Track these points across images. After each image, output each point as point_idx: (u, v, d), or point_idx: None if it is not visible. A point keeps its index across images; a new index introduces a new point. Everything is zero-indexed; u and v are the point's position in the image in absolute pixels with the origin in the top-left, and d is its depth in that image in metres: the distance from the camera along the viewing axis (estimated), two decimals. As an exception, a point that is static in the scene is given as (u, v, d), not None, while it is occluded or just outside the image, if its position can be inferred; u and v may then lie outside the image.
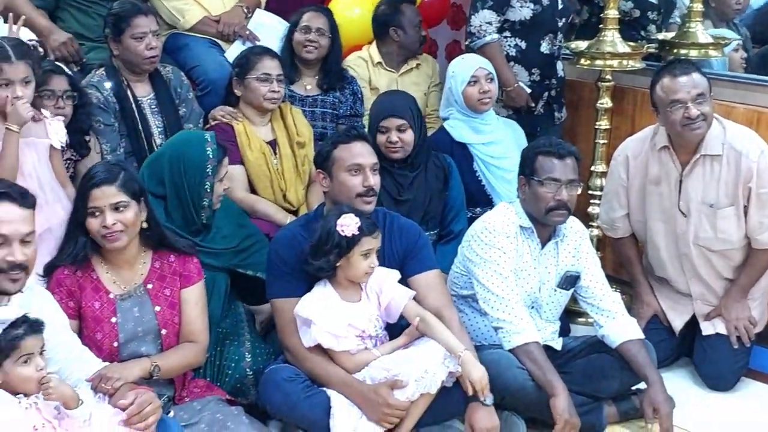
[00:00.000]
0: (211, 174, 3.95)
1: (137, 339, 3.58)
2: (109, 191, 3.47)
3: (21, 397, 2.96)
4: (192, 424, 3.50)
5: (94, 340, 3.50)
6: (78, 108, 4.23)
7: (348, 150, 3.82)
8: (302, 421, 3.68)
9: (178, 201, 3.98)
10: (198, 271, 3.73)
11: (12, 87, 3.82)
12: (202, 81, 5.00)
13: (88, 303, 3.52)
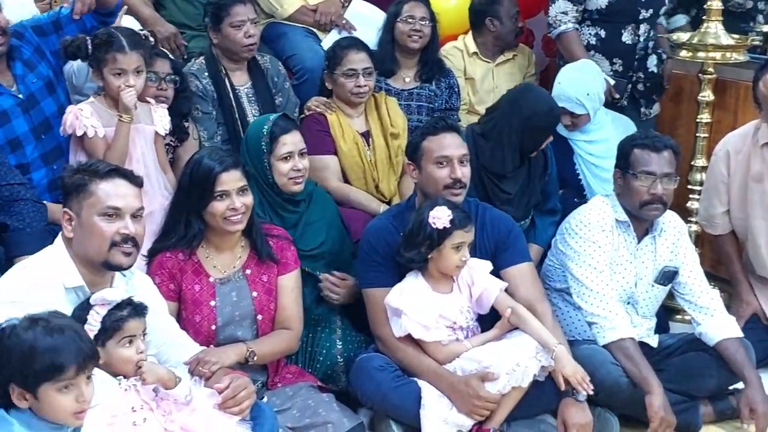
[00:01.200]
0: (266, 150, 3.96)
1: (234, 323, 3.64)
2: (236, 175, 3.57)
3: (120, 378, 3.02)
4: (284, 409, 3.55)
5: (192, 322, 3.57)
6: (179, 92, 4.32)
7: (436, 141, 3.82)
8: (392, 410, 3.69)
9: (255, 183, 4.00)
10: (294, 259, 3.77)
11: (125, 76, 3.94)
12: (299, 70, 5.03)
13: (188, 286, 3.59)
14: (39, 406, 2.54)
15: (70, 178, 3.13)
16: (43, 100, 4.10)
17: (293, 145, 3.96)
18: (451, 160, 3.79)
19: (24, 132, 4.02)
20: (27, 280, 3.01)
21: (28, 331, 2.53)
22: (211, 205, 3.55)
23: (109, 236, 3.05)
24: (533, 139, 4.39)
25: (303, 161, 3.99)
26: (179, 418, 3.06)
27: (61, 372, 2.52)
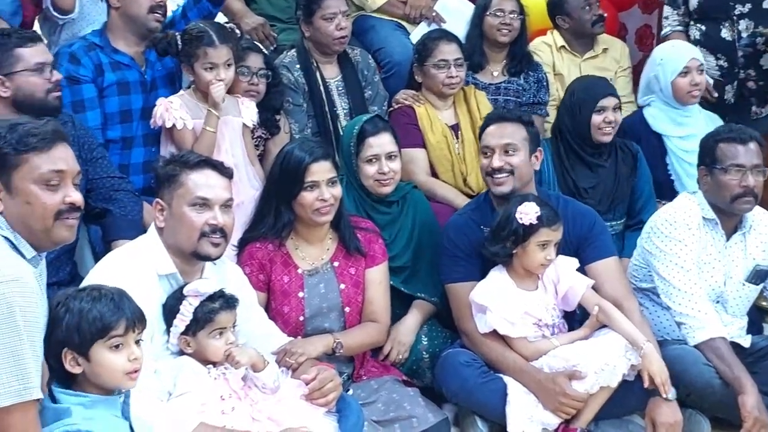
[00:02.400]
0: (354, 152, 3.97)
1: (321, 315, 3.66)
2: (326, 166, 3.60)
3: (210, 367, 3.06)
4: (369, 402, 3.56)
5: (281, 313, 3.60)
6: (271, 87, 4.36)
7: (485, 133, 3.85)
8: (478, 406, 3.68)
9: (348, 182, 4.03)
10: (383, 252, 3.79)
11: (216, 70, 4.00)
12: (387, 63, 5.04)
13: (277, 276, 3.62)
14: (92, 368, 2.58)
15: (162, 169, 3.19)
16: (162, 88, 4.26)
17: (379, 148, 3.96)
18: (492, 149, 3.80)
19: (137, 108, 4.19)
20: (122, 267, 3.07)
21: (76, 299, 2.60)
22: (300, 195, 3.58)
23: (198, 226, 3.10)
24: (581, 117, 4.41)
25: (391, 164, 3.98)
26: (266, 408, 3.10)
27: (110, 329, 2.58)
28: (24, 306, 2.46)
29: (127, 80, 4.17)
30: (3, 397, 2.43)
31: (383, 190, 3.99)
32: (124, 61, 4.21)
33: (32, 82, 3.61)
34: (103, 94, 4.13)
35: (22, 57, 3.61)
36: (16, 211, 2.57)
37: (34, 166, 2.57)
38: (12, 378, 2.44)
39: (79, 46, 4.18)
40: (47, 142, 2.59)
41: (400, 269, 4.03)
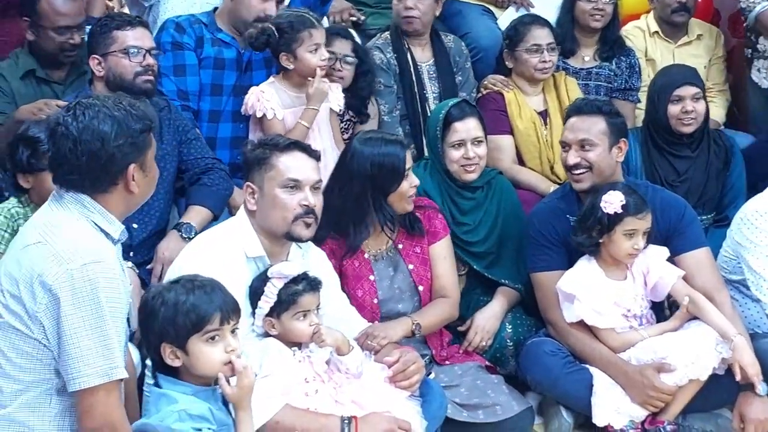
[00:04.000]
0: (440, 136, 3.94)
1: (395, 296, 3.67)
2: (409, 154, 3.61)
3: (295, 349, 3.08)
4: (452, 386, 3.56)
5: (355, 297, 3.61)
6: (360, 75, 4.37)
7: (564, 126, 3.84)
8: (563, 396, 3.65)
9: (433, 167, 4.03)
10: (443, 226, 3.78)
11: (320, 50, 4.04)
12: (474, 48, 4.98)
13: (348, 262, 3.63)
14: (190, 361, 2.61)
15: (251, 153, 3.22)
16: (257, 70, 4.33)
17: (465, 133, 3.93)
18: (569, 144, 3.76)
19: (229, 84, 4.28)
20: (212, 249, 3.12)
21: (171, 291, 2.63)
22: (401, 189, 3.59)
23: (291, 208, 3.13)
24: (659, 107, 4.32)
25: (477, 149, 3.94)
26: (350, 391, 3.11)
27: (205, 323, 2.59)
28: (108, 287, 2.50)
29: (223, 57, 4.28)
30: (90, 377, 2.48)
31: (468, 177, 3.96)
32: (226, 39, 4.32)
33: (122, 64, 3.76)
34: (200, 66, 4.24)
35: (117, 39, 3.77)
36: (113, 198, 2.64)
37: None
38: (99, 358, 2.48)
39: (186, 18, 4.31)
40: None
41: (483, 254, 4.01)
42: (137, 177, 2.63)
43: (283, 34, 4.04)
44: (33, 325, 2.51)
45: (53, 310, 2.48)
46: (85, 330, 2.47)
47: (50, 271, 2.48)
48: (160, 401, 2.60)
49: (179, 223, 3.78)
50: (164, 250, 3.66)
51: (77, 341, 2.47)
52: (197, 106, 4.23)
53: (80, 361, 2.47)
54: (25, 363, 2.53)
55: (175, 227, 3.76)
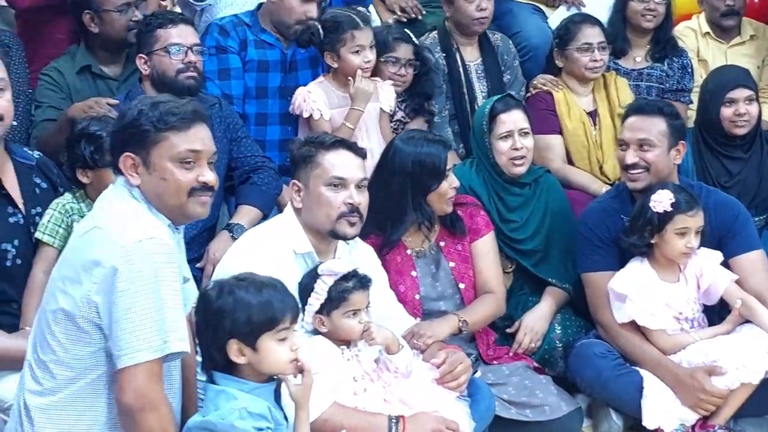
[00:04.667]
0: (487, 130, 3.93)
1: (436, 294, 3.68)
2: (453, 155, 3.65)
3: (343, 348, 3.08)
4: (499, 384, 3.55)
5: (398, 292, 3.60)
6: (421, 75, 4.38)
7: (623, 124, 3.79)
8: (612, 399, 3.63)
9: (480, 164, 4.01)
10: (486, 223, 3.77)
11: (363, 52, 4.04)
12: (524, 47, 4.96)
13: (391, 257, 3.65)
14: (258, 358, 2.61)
15: (297, 150, 3.24)
16: (302, 70, 4.35)
17: (512, 124, 3.92)
18: (627, 143, 3.72)
19: (274, 87, 4.30)
20: (262, 245, 3.13)
21: (242, 289, 2.62)
22: (441, 187, 3.60)
23: (336, 206, 3.13)
24: (712, 109, 4.27)
25: (524, 140, 3.93)
26: (398, 390, 3.10)
27: (279, 321, 2.60)
28: (161, 262, 2.52)
29: (267, 59, 4.28)
30: (143, 352, 2.48)
31: (517, 170, 3.95)
32: (269, 40, 4.32)
33: (165, 62, 3.81)
34: (244, 69, 4.25)
35: (160, 37, 3.82)
36: (152, 186, 2.64)
37: (172, 144, 2.63)
38: (153, 333, 2.49)
39: (230, 20, 4.32)
40: (186, 122, 2.65)
41: (530, 252, 4.00)
42: (141, 170, 2.63)
43: (328, 33, 4.06)
44: (87, 308, 2.52)
45: (108, 287, 2.49)
46: (140, 305, 2.48)
47: (105, 250, 2.51)
48: (219, 398, 2.60)
49: (230, 224, 3.80)
50: (215, 251, 3.69)
51: (132, 316, 2.48)
52: (243, 109, 4.24)
53: (134, 335, 2.48)
54: (78, 350, 2.55)
55: (226, 228, 3.79)
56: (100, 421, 2.58)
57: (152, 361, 2.50)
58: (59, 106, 4.02)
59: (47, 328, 2.59)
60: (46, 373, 2.58)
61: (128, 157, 2.63)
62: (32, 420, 2.57)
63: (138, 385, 2.48)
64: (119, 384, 2.51)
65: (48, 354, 2.58)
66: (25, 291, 3.19)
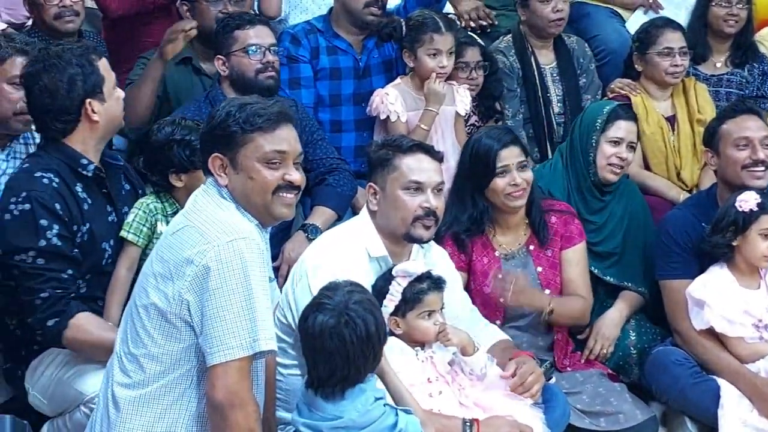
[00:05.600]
0: (599, 128, 3.91)
1: None
2: (515, 151, 3.61)
3: (418, 349, 3.09)
4: (573, 392, 3.53)
5: (481, 293, 3.61)
6: (489, 75, 4.38)
7: (735, 123, 3.72)
8: (688, 407, 3.59)
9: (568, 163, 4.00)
10: (579, 232, 3.76)
11: (439, 57, 4.06)
12: (602, 51, 4.93)
13: (477, 258, 3.66)
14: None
15: (374, 153, 3.24)
16: (375, 75, 4.36)
17: (626, 133, 3.94)
18: (751, 141, 3.67)
19: (348, 94, 4.32)
20: (338, 248, 3.15)
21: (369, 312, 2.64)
22: (493, 182, 3.59)
23: (412, 210, 3.13)
24: None
25: (629, 154, 3.95)
26: (473, 394, 3.10)
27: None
28: (253, 262, 2.57)
29: (339, 66, 4.30)
30: (234, 350, 2.54)
31: (610, 177, 3.94)
32: (342, 46, 4.34)
33: (243, 62, 3.88)
34: (316, 77, 4.27)
35: (238, 38, 3.89)
36: (239, 185, 2.69)
37: (258, 145, 2.68)
38: (244, 331, 2.54)
39: (301, 28, 4.34)
40: (272, 123, 2.69)
41: (606, 255, 3.97)
42: (228, 171, 2.69)
43: (410, 31, 4.08)
44: (179, 306, 2.59)
45: (200, 286, 2.56)
46: (231, 303, 2.54)
47: (198, 249, 2.57)
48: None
49: (305, 224, 3.83)
50: (290, 250, 3.73)
51: (224, 314, 2.54)
52: (317, 117, 4.26)
53: (225, 333, 2.53)
54: (169, 345, 2.62)
55: (301, 228, 3.82)
56: (186, 415, 2.64)
57: (242, 359, 2.55)
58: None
59: (139, 322, 2.66)
60: (136, 366, 2.65)
61: (217, 157, 2.69)
62: (119, 411, 2.64)
63: (228, 383, 2.53)
64: (210, 381, 2.56)
65: (139, 348, 2.64)
66: (109, 288, 3.25)
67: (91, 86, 3.13)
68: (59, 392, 3.14)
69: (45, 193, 3.07)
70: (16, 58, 3.48)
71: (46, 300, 3.03)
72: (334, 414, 2.62)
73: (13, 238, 3.05)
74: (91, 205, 3.19)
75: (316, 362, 2.64)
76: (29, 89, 3.17)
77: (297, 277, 3.13)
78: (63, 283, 3.06)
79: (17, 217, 3.05)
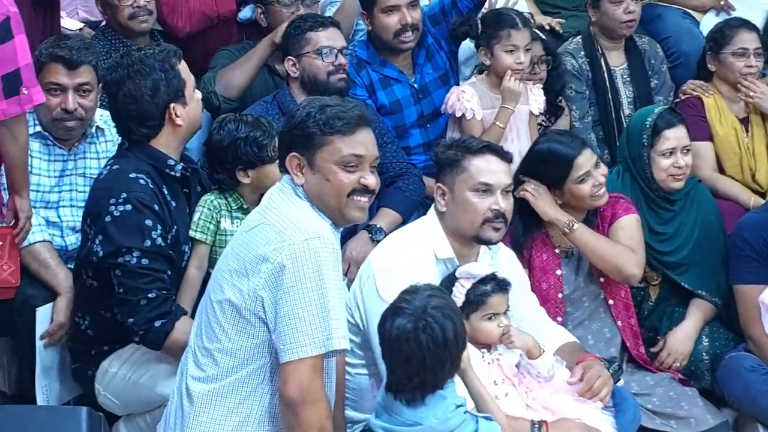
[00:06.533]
0: (647, 144, 3.84)
1: (580, 293, 3.66)
2: (588, 153, 3.62)
3: (485, 351, 3.07)
4: (643, 394, 3.49)
5: (539, 290, 3.60)
6: (550, 71, 4.36)
7: None
8: (761, 413, 3.56)
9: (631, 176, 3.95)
10: (625, 207, 3.70)
11: (516, 53, 4.05)
12: (674, 52, 4.87)
13: (537, 254, 3.65)
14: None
15: (443, 154, 3.23)
16: (435, 91, 4.33)
17: (676, 141, 3.85)
18: None
19: (412, 121, 4.31)
20: (405, 249, 3.15)
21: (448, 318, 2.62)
22: (577, 188, 3.57)
23: (481, 212, 3.11)
24: None
25: (686, 158, 3.87)
26: (541, 397, 3.08)
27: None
28: (328, 261, 2.61)
29: (397, 98, 4.27)
30: (308, 347, 2.57)
31: (675, 185, 3.88)
32: (393, 75, 4.30)
33: (315, 64, 3.91)
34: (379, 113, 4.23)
35: (310, 40, 3.91)
36: (315, 186, 2.72)
37: (337, 148, 2.71)
38: (317, 329, 2.58)
39: (350, 65, 4.19)
40: (351, 126, 2.72)
41: (678, 265, 3.91)
42: (305, 170, 2.71)
43: (486, 28, 4.08)
44: (253, 302, 2.63)
45: (274, 283, 2.60)
46: (305, 301, 2.57)
47: (273, 247, 2.61)
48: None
49: (370, 225, 3.83)
50: (352, 249, 3.74)
51: (298, 312, 2.57)
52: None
53: (299, 331, 2.57)
54: (243, 340, 2.66)
55: (366, 228, 3.83)
56: (259, 410, 2.68)
57: (315, 356, 2.58)
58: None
59: (213, 317, 2.70)
60: (210, 360, 2.69)
61: (294, 156, 2.72)
62: (193, 404, 2.69)
63: (301, 380, 2.57)
64: (283, 377, 2.59)
65: (213, 342, 2.69)
66: (180, 286, 3.28)
67: (174, 91, 3.17)
68: (134, 394, 3.19)
69: (145, 193, 3.10)
70: (53, 64, 3.55)
71: (153, 300, 3.05)
72: (414, 420, 2.60)
73: (118, 239, 3.06)
74: (175, 207, 3.23)
75: (393, 366, 2.63)
76: (113, 96, 3.20)
77: (364, 277, 3.13)
78: (166, 283, 3.10)
79: (119, 218, 3.07)
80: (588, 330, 3.64)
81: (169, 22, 4.54)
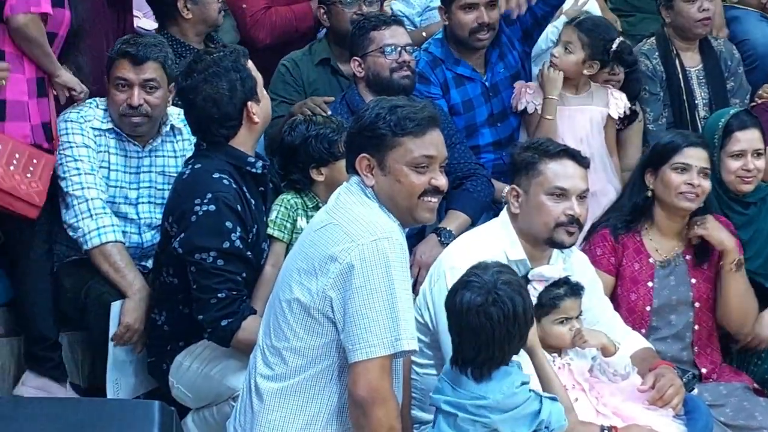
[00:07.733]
0: (718, 144, 3.79)
1: (669, 307, 3.59)
2: (703, 155, 3.57)
3: (555, 356, 3.05)
4: (716, 405, 3.43)
5: (627, 300, 3.56)
6: (628, 74, 4.30)
7: None
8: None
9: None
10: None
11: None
12: (750, 56, 4.83)
13: (628, 263, 3.59)
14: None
15: (519, 156, 3.21)
16: (505, 90, 4.33)
17: (747, 143, 3.79)
18: None
19: (482, 120, 4.30)
20: (477, 251, 3.10)
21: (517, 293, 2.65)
22: (668, 175, 3.53)
23: (555, 216, 3.09)
24: None
25: (757, 162, 3.80)
26: (611, 403, 3.03)
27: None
28: (396, 261, 2.61)
29: (470, 96, 4.27)
30: (376, 347, 2.57)
31: (744, 188, 3.81)
32: (466, 73, 4.30)
33: (379, 62, 3.91)
34: (451, 113, 4.24)
35: (374, 39, 3.92)
36: (385, 187, 2.72)
37: (407, 149, 2.71)
38: (386, 329, 2.58)
39: (425, 63, 4.25)
40: (422, 127, 2.73)
41: (754, 274, 3.81)
42: (375, 172, 2.72)
43: None
44: (322, 302, 2.64)
45: (343, 283, 2.61)
46: (374, 302, 2.58)
47: (342, 247, 2.62)
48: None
49: (439, 228, 3.83)
50: (422, 252, 3.74)
51: (366, 312, 2.58)
52: None
53: (368, 331, 2.57)
54: (311, 340, 2.67)
55: (434, 231, 3.82)
56: (327, 409, 2.68)
57: (384, 356, 2.58)
58: (292, 100, 4.16)
59: (282, 316, 2.72)
60: (279, 359, 2.71)
61: (364, 158, 2.73)
62: (263, 402, 2.71)
63: (370, 379, 2.57)
64: (352, 377, 2.60)
65: (282, 341, 2.70)
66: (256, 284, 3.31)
67: (249, 89, 3.21)
68: (206, 387, 3.22)
69: (229, 194, 3.14)
70: (121, 60, 3.62)
71: (222, 300, 3.09)
72: (479, 393, 2.62)
73: (198, 239, 3.11)
74: (254, 206, 3.27)
75: (461, 340, 2.64)
76: (191, 102, 3.23)
77: (435, 277, 3.13)
78: (238, 285, 3.14)
79: (202, 218, 3.11)
80: (670, 348, 3.58)
81: (252, 34, 4.60)
